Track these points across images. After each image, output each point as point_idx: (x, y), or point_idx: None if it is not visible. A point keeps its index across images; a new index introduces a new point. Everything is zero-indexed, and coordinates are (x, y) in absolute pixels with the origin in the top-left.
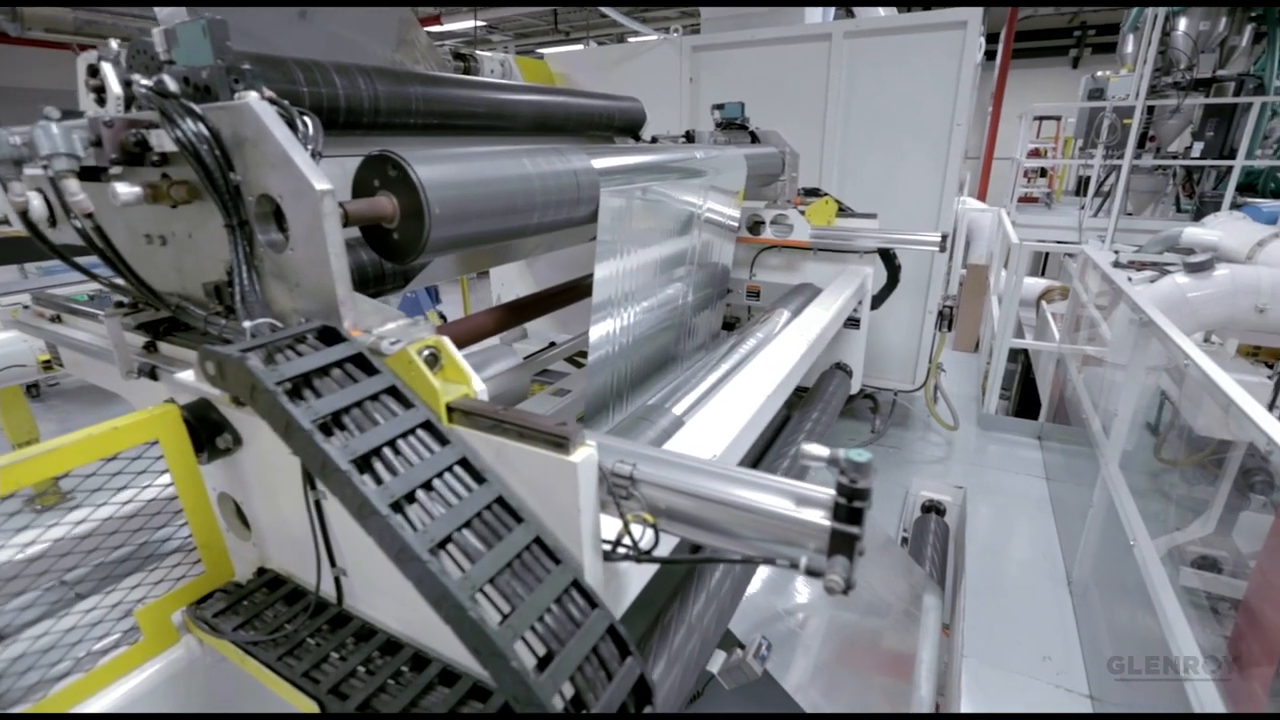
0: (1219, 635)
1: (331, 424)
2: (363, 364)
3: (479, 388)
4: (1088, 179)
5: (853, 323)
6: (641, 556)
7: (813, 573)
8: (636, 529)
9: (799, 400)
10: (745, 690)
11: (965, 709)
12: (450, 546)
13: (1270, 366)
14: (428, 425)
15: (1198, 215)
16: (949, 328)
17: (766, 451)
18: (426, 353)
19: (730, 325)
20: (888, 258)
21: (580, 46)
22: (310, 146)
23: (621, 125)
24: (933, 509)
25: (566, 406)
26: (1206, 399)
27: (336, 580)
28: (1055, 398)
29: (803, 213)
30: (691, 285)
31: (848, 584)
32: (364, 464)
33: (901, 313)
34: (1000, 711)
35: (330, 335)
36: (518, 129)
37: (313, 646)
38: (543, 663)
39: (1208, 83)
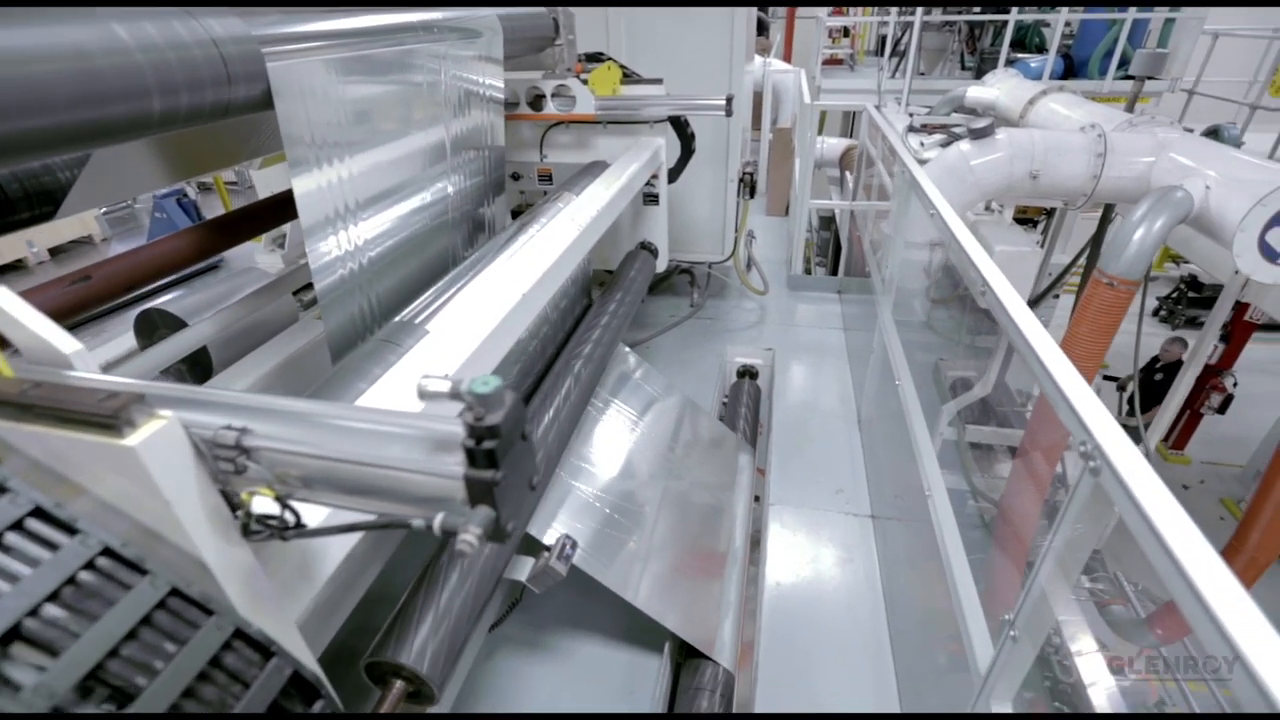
0: (995, 477)
1: None
2: None
3: (64, 349)
4: (885, 39)
5: (651, 199)
6: (286, 533)
7: (448, 532)
8: (270, 504)
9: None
10: (566, 588)
11: (771, 548)
12: None
13: (1035, 224)
14: None
15: (979, 73)
16: (752, 194)
17: (565, 345)
18: None
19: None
20: (679, 126)
21: None
22: None
23: None
24: (746, 373)
25: None
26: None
27: None
28: (856, 254)
29: (585, 82)
30: (462, 175)
31: (494, 534)
32: None
33: (704, 184)
34: (801, 551)
35: None
36: None
37: None
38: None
39: None
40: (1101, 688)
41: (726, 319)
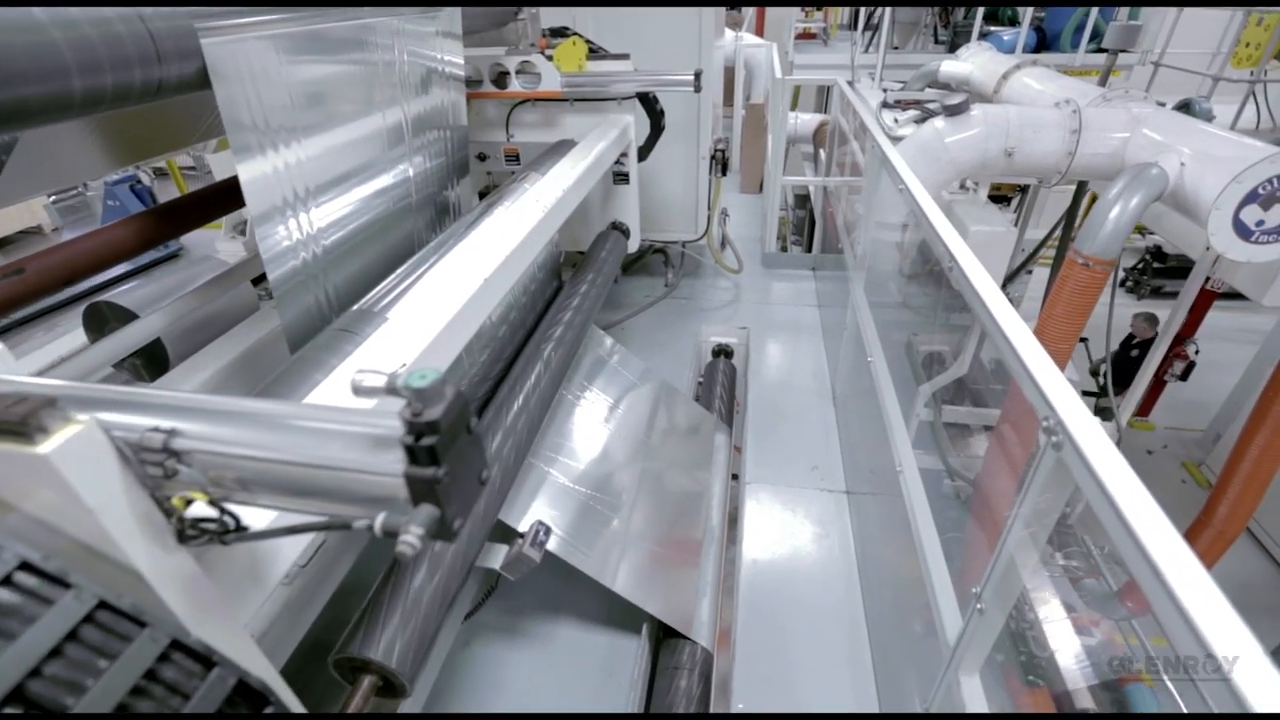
0: (970, 456)
1: None
2: None
3: None
4: (858, 12)
5: (621, 178)
6: (225, 537)
7: (389, 533)
8: (205, 508)
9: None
10: (544, 573)
11: (748, 526)
12: None
13: (1009, 201)
14: None
15: (952, 47)
16: (724, 172)
17: (536, 327)
18: None
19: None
20: (648, 103)
21: None
22: None
23: None
24: (721, 352)
25: None
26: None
27: None
28: (831, 231)
29: (550, 58)
30: (424, 156)
31: (440, 533)
32: None
33: (675, 162)
34: (778, 528)
35: None
36: None
37: None
38: None
39: None
40: (1069, 650)
41: (701, 298)
